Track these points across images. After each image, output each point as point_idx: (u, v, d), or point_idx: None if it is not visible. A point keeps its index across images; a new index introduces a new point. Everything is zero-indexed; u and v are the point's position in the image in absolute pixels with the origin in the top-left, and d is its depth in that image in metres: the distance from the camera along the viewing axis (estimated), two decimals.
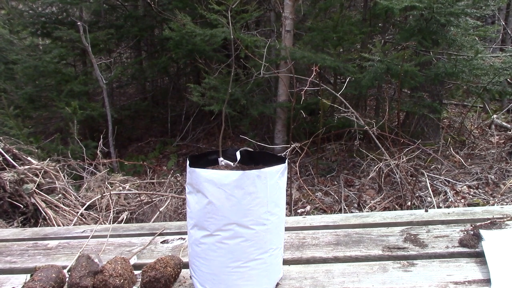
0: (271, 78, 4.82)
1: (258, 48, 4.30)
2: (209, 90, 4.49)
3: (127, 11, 6.47)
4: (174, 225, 1.27)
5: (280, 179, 0.85)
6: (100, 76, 4.85)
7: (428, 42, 4.03)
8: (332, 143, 4.69)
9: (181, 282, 0.95)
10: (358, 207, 3.38)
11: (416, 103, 4.43)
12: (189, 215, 0.88)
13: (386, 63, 3.77)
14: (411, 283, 0.88)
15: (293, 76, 3.98)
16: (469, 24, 4.09)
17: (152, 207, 3.32)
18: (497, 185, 3.56)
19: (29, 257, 1.12)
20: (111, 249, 1.13)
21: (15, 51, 5.05)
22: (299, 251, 1.05)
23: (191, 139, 5.98)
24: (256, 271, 0.85)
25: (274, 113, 4.68)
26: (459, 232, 1.07)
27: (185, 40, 4.54)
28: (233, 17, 4.17)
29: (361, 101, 5.51)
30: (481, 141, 4.75)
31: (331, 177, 4.17)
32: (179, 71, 7.21)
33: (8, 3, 5.96)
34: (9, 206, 2.81)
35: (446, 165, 3.91)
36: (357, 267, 0.96)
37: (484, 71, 4.01)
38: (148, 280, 0.89)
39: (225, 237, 0.82)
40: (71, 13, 5.77)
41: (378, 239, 1.07)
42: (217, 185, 0.79)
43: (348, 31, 4.35)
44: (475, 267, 0.91)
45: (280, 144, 4.55)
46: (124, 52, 8.11)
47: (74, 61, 6.36)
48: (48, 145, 4.40)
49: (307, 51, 4.16)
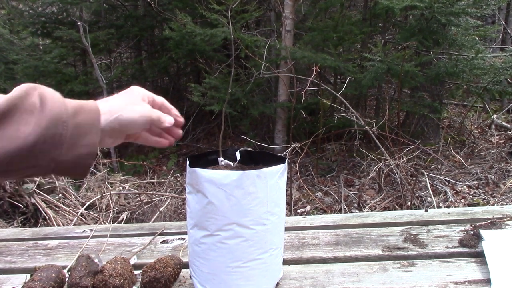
0: (271, 78, 4.82)
1: (258, 48, 4.30)
2: (210, 90, 4.49)
3: (127, 11, 6.47)
4: (174, 225, 1.27)
5: (280, 179, 0.85)
6: (100, 76, 4.85)
7: (428, 42, 4.03)
8: (332, 143, 4.69)
9: (181, 282, 0.95)
10: (358, 207, 3.38)
11: (416, 103, 4.43)
12: (189, 215, 0.88)
13: (386, 63, 3.76)
14: (411, 283, 0.88)
15: (293, 76, 3.98)
16: (469, 24, 4.09)
17: (152, 207, 3.32)
18: (497, 185, 3.56)
19: (29, 257, 1.12)
20: (111, 249, 1.13)
21: (15, 51, 5.06)
22: (299, 251, 1.05)
23: (191, 139, 5.98)
24: (256, 271, 0.85)
25: (274, 113, 4.68)
26: (459, 232, 1.07)
27: (185, 40, 4.54)
28: (233, 17, 4.16)
29: (361, 101, 5.51)
30: (481, 141, 4.75)
31: (331, 177, 4.17)
32: (179, 71, 7.21)
33: (8, 3, 5.97)
34: (9, 206, 2.81)
35: (446, 165, 3.91)
36: (357, 267, 0.96)
37: (485, 71, 4.01)
38: (148, 280, 0.89)
39: (225, 237, 0.82)
40: (71, 13, 5.77)
41: (378, 239, 1.07)
42: (217, 185, 0.79)
43: (349, 31, 4.35)
44: (475, 267, 0.91)
45: (280, 144, 4.55)
46: (124, 52, 8.11)
47: (74, 61, 6.37)
48: None
49: (308, 51, 4.16)
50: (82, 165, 0.59)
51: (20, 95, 0.55)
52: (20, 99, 0.55)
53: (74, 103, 0.60)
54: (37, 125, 0.54)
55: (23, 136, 0.53)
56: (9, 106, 0.54)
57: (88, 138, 0.59)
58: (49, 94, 0.58)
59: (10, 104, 0.54)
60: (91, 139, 0.59)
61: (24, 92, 0.56)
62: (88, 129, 0.59)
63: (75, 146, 0.58)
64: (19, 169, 0.56)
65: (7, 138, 0.53)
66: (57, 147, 0.56)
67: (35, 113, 0.55)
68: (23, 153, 0.54)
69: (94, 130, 0.60)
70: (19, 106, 0.54)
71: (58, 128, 0.56)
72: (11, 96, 0.55)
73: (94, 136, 0.60)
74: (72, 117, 0.58)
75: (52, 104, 0.57)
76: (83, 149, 0.58)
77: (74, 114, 0.58)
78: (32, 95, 0.56)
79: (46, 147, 0.55)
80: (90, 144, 0.59)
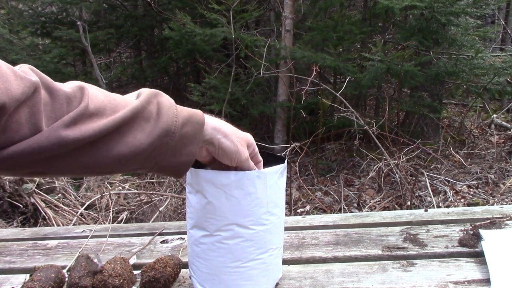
0: (271, 77, 4.82)
1: (258, 48, 4.30)
2: (209, 90, 4.49)
3: (127, 10, 6.46)
4: (174, 225, 1.27)
5: (279, 179, 0.85)
6: (100, 76, 4.85)
7: (428, 42, 4.03)
8: (332, 142, 4.69)
9: (181, 282, 0.95)
10: (357, 206, 3.38)
11: (416, 102, 4.43)
12: (188, 215, 0.88)
13: (386, 63, 3.77)
14: (411, 283, 0.88)
15: (293, 76, 3.98)
16: (469, 24, 4.10)
17: (152, 207, 3.32)
18: (497, 184, 3.56)
19: (29, 257, 1.12)
20: (110, 249, 1.13)
21: (15, 51, 5.06)
22: (298, 251, 1.05)
23: None
24: (255, 271, 0.85)
25: (274, 113, 4.68)
26: (459, 232, 1.07)
27: (185, 39, 4.54)
28: (233, 17, 4.17)
29: (361, 100, 5.51)
30: (481, 141, 4.75)
31: (331, 176, 4.17)
32: (179, 70, 7.21)
33: (8, 2, 5.96)
34: (8, 206, 2.81)
35: (446, 164, 3.91)
36: (357, 267, 0.96)
37: (484, 70, 4.02)
38: (147, 280, 0.88)
39: (225, 237, 0.82)
40: (71, 12, 5.77)
41: (378, 239, 1.07)
42: (216, 185, 0.79)
43: (348, 30, 4.35)
44: (474, 267, 0.91)
45: (280, 143, 4.55)
46: (124, 52, 8.11)
47: (74, 61, 6.36)
48: None
49: (307, 50, 4.16)
50: (180, 170, 0.66)
51: (143, 103, 0.60)
52: (142, 107, 0.59)
53: (185, 113, 0.65)
54: (151, 135, 0.59)
55: (138, 143, 0.58)
56: (133, 114, 0.58)
57: (189, 148, 0.64)
58: (165, 103, 0.63)
59: (134, 112, 0.58)
60: (192, 149, 0.65)
61: (147, 100, 0.61)
62: (191, 140, 0.64)
63: (177, 154, 0.63)
64: (125, 169, 0.61)
65: (125, 144, 0.57)
66: (163, 154, 0.61)
67: (151, 122, 0.60)
68: (135, 157, 0.59)
69: (196, 141, 0.65)
70: (140, 114, 0.59)
71: (167, 138, 0.61)
72: (136, 103, 0.59)
73: (195, 146, 0.65)
74: (180, 128, 0.62)
75: (167, 114, 0.62)
76: (183, 157, 0.64)
77: (183, 125, 0.63)
78: (152, 103, 0.61)
79: (154, 153, 0.60)
80: (190, 154, 0.65)
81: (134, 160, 0.59)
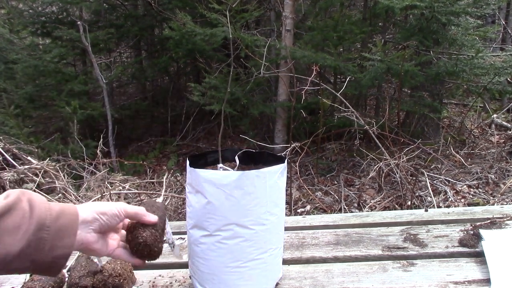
0: (271, 77, 4.82)
1: (258, 48, 4.30)
2: (210, 90, 4.49)
3: (127, 10, 6.46)
4: (174, 225, 1.27)
5: (279, 179, 0.85)
6: (100, 75, 4.85)
7: (428, 42, 4.03)
8: (332, 142, 4.68)
9: (181, 282, 0.95)
10: (358, 206, 3.38)
11: (416, 102, 4.43)
12: (188, 215, 0.88)
13: (386, 63, 3.76)
14: (411, 283, 0.88)
15: (293, 76, 3.97)
16: (469, 24, 4.09)
17: None
18: (497, 184, 3.55)
19: None
20: None
21: (15, 51, 5.05)
22: (298, 251, 1.05)
23: (191, 138, 5.98)
24: (255, 271, 0.85)
25: (274, 113, 4.68)
26: (459, 232, 1.07)
27: (185, 39, 4.53)
28: (233, 17, 4.16)
29: (361, 100, 5.50)
30: (481, 141, 4.74)
31: (331, 176, 4.17)
32: (179, 70, 7.21)
33: (8, 2, 5.97)
34: None
35: (446, 164, 3.91)
36: (357, 267, 0.96)
37: (485, 70, 4.01)
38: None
39: (225, 237, 0.82)
40: (71, 12, 5.77)
41: (378, 239, 1.07)
42: (216, 185, 0.79)
43: (349, 30, 4.34)
44: (474, 267, 0.91)
45: (280, 143, 4.55)
46: (124, 52, 8.11)
47: (74, 60, 6.36)
48: (48, 144, 4.40)
49: (307, 50, 4.16)
50: (57, 265, 0.63)
51: (15, 200, 0.59)
52: (14, 204, 0.59)
53: (58, 207, 0.64)
54: (26, 231, 0.58)
55: (13, 243, 0.57)
56: (5, 209, 0.58)
57: (66, 241, 0.63)
58: (36, 199, 0.62)
59: (6, 207, 0.58)
60: (68, 241, 0.63)
61: (17, 197, 0.60)
62: (67, 232, 0.63)
63: (54, 248, 0.61)
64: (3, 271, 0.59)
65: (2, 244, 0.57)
66: (39, 250, 0.60)
67: (26, 218, 0.59)
68: (10, 258, 0.57)
69: (72, 232, 0.64)
70: (13, 209, 0.59)
71: (42, 233, 0.60)
72: (6, 201, 0.59)
73: (72, 238, 0.63)
74: (55, 221, 0.61)
75: (39, 209, 0.61)
76: (59, 251, 0.62)
77: (57, 218, 0.62)
78: (22, 200, 0.60)
79: (29, 251, 0.59)
80: (66, 246, 0.63)
81: (8, 262, 0.57)
